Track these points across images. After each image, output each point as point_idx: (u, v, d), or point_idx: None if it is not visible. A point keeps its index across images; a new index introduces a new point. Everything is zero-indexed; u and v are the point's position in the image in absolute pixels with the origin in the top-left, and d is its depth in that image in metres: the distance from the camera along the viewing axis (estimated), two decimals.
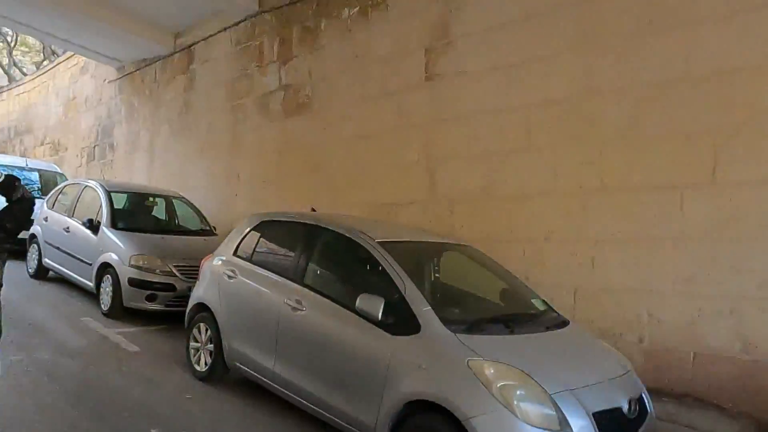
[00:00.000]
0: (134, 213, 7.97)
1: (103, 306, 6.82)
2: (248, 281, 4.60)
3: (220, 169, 9.21)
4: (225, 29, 9.17)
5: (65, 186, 8.76)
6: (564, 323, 3.91)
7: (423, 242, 4.49)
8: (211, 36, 9.49)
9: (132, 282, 6.54)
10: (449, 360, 3.17)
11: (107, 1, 9.25)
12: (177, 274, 6.68)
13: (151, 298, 6.56)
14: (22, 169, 11.67)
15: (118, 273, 6.62)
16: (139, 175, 11.34)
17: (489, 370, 3.05)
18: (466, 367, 3.06)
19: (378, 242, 3.89)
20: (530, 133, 5.30)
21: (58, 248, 7.91)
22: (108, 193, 7.58)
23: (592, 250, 4.87)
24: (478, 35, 5.76)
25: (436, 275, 4.39)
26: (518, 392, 2.96)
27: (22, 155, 16.14)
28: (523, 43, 5.39)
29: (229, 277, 4.76)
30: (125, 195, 8.09)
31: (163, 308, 6.62)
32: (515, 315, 3.86)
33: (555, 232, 5.12)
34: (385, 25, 6.70)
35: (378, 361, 3.42)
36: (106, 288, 6.80)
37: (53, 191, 8.92)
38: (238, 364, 4.54)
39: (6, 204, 2.55)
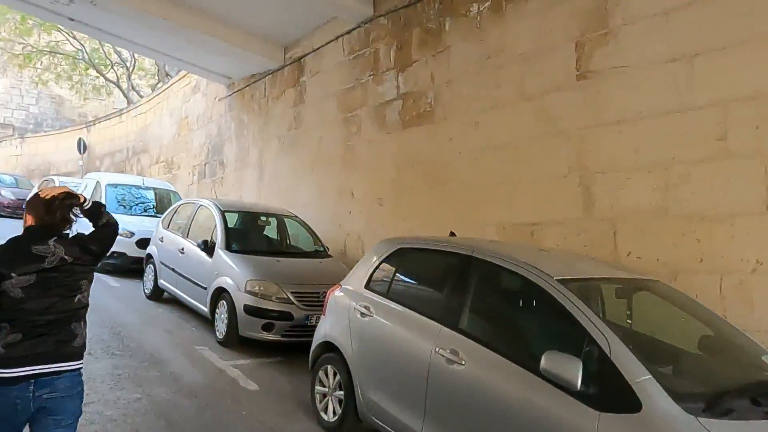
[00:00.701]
0: (248, 234, 7.62)
1: (218, 334, 6.43)
2: (386, 321, 3.90)
3: (332, 185, 8.72)
4: (336, 38, 8.71)
5: (180, 205, 8.62)
6: None
7: (611, 279, 3.57)
8: (321, 46, 9.07)
9: (248, 310, 6.09)
10: None
11: (220, 18, 9.10)
12: (294, 301, 6.16)
13: (267, 328, 6.07)
14: (138, 187, 11.93)
15: (234, 299, 6.20)
16: (249, 193, 11.16)
17: None
18: None
19: (558, 280, 3.03)
20: (727, 137, 4.22)
21: (173, 270, 7.70)
22: (222, 213, 7.25)
23: None
24: (648, 20, 4.76)
25: (628, 321, 3.46)
26: None
27: (139, 174, 16.79)
28: (715, 26, 4.33)
29: (362, 314, 4.09)
30: (239, 214, 7.76)
31: (279, 338, 6.12)
32: (760, 384, 2.85)
33: None
34: (524, 18, 5.85)
35: None
36: (221, 315, 6.42)
37: (168, 211, 8.82)
38: (374, 418, 3.84)
39: (93, 229, 2.66)
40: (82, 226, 2.66)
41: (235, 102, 11.91)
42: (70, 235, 2.54)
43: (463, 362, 3.20)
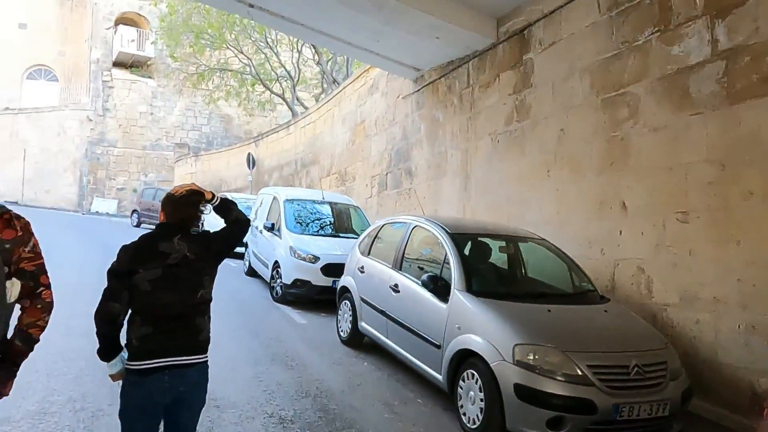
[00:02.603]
0: (487, 268, 5.46)
1: (467, 421, 4.31)
2: None
3: (586, 195, 6.30)
4: None
5: (381, 226, 6.73)
6: None
7: None
8: (559, 7, 6.74)
9: (521, 393, 3.90)
10: None
11: None
12: (594, 381, 3.86)
13: (555, 425, 3.82)
14: (315, 202, 10.47)
15: (496, 374, 4.04)
16: (448, 206, 9.11)
17: None
18: None
19: None
20: None
21: (382, 312, 5.78)
22: (454, 239, 5.17)
23: None
24: None
25: None
26: None
27: (308, 187, 15.67)
28: None
29: None
30: (470, 239, 5.63)
31: None
32: None
33: None
34: None
35: None
36: (471, 393, 4.29)
37: (366, 233, 6.98)
38: None
39: (224, 225, 2.63)
40: None
41: (426, 98, 9.96)
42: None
43: None
